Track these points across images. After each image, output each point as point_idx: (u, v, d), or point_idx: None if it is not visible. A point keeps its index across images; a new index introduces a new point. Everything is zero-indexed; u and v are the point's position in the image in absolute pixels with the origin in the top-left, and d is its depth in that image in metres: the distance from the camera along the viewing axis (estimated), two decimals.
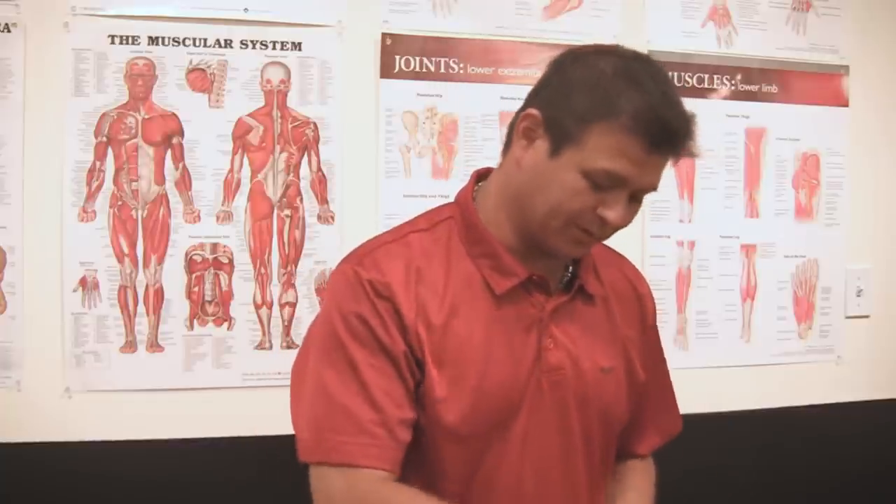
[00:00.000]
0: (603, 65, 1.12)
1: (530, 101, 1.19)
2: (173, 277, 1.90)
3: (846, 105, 2.31)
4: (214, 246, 1.92)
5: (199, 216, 1.91)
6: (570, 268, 1.25)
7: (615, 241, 1.24)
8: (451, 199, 1.28)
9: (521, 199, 1.17)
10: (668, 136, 1.09)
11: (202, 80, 1.91)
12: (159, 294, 1.89)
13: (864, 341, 2.35)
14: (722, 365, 2.22)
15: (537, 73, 1.22)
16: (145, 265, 1.88)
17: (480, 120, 2.05)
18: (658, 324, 1.40)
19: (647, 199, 1.18)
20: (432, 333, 1.15)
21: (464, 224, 1.22)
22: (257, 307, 1.94)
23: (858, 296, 2.34)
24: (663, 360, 1.42)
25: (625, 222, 1.15)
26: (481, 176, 1.27)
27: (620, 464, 1.35)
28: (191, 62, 1.90)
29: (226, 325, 1.92)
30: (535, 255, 1.20)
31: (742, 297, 2.25)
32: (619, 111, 1.08)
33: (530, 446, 1.18)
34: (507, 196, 1.20)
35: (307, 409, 1.16)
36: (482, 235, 1.20)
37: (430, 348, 1.14)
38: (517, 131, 1.18)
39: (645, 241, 2.16)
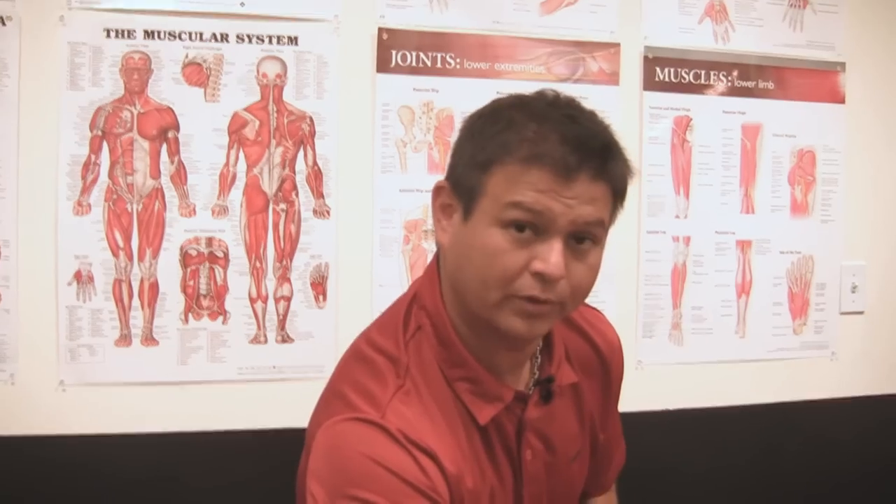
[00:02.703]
0: (493, 105, 1.02)
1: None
2: (168, 271, 1.89)
3: (842, 102, 2.31)
4: (210, 240, 1.92)
5: (194, 210, 1.91)
6: (539, 356, 1.10)
7: (612, 243, 1.08)
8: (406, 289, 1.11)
9: (457, 284, 1.01)
10: (576, 154, 0.94)
11: (198, 74, 1.90)
12: (154, 288, 1.89)
13: (858, 337, 2.35)
14: (717, 360, 2.23)
15: (534, 69, 1.20)
16: (140, 259, 1.88)
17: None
18: (654, 319, 1.34)
19: (644, 195, 1.10)
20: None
21: (439, 342, 1.04)
22: (252, 301, 1.94)
23: (853, 292, 2.34)
24: (617, 399, 1.28)
25: (560, 272, 0.95)
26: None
27: None
28: (187, 56, 1.89)
29: (221, 318, 1.92)
30: (497, 347, 1.04)
31: (737, 293, 2.25)
32: (517, 144, 0.95)
33: None
34: (448, 288, 1.04)
35: None
36: (461, 357, 1.03)
37: None
38: (435, 213, 1.03)
39: (640, 236, 2.15)
